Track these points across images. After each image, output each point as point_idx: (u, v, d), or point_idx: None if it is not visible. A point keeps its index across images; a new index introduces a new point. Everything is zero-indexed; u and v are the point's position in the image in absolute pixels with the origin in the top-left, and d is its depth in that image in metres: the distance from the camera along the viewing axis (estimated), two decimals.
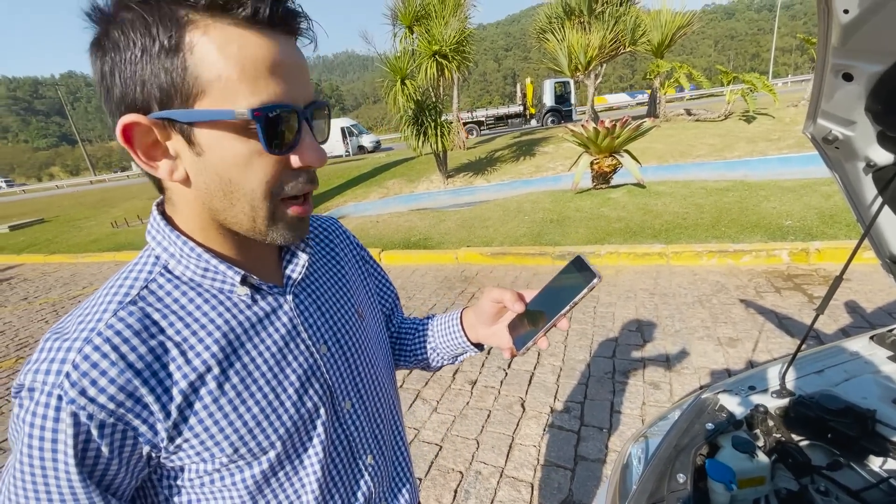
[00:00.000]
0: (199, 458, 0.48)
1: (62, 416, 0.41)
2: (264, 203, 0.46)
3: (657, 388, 2.43)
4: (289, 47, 0.44)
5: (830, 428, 1.00)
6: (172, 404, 0.45)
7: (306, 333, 0.56)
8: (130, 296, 0.46)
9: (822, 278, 3.42)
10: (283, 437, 0.52)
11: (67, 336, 0.43)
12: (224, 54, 0.40)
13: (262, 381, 0.51)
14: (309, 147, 0.46)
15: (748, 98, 11.46)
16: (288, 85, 0.43)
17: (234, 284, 0.50)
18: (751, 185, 5.53)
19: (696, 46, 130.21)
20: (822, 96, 0.86)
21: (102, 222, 11.04)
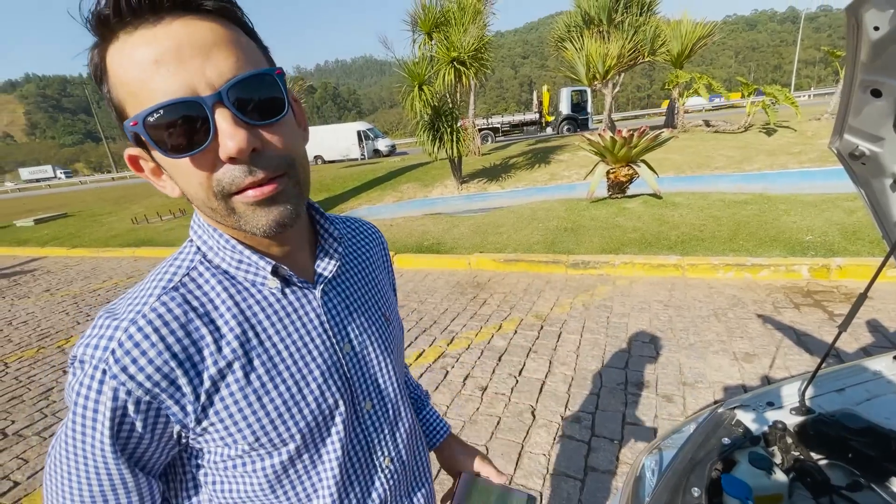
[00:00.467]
0: (222, 442, 0.50)
1: (104, 390, 0.44)
2: (215, 203, 0.45)
3: (670, 402, 2.40)
4: (175, 31, 0.40)
5: (851, 448, 0.98)
6: (202, 388, 0.47)
7: (332, 331, 0.56)
8: (174, 282, 0.49)
9: (844, 295, 3.34)
10: (304, 430, 0.53)
11: (117, 315, 0.46)
12: (118, 76, 0.41)
13: (286, 374, 0.52)
14: (223, 135, 0.41)
15: (769, 110, 11.29)
16: (183, 74, 0.39)
17: (265, 276, 0.51)
18: (770, 199, 5.44)
19: (717, 57, 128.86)
20: (849, 112, 0.85)
21: (123, 218, 11.31)
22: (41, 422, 2.83)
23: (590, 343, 3.10)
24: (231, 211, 0.45)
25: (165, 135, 0.41)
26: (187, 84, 0.40)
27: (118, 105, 0.43)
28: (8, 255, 9.20)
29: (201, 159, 0.42)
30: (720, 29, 13.61)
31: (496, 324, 3.54)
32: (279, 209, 0.46)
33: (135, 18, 0.39)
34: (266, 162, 0.44)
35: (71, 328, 4.44)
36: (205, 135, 0.41)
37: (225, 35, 0.42)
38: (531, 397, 2.57)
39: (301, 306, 0.54)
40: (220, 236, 0.50)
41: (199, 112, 0.41)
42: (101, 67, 0.42)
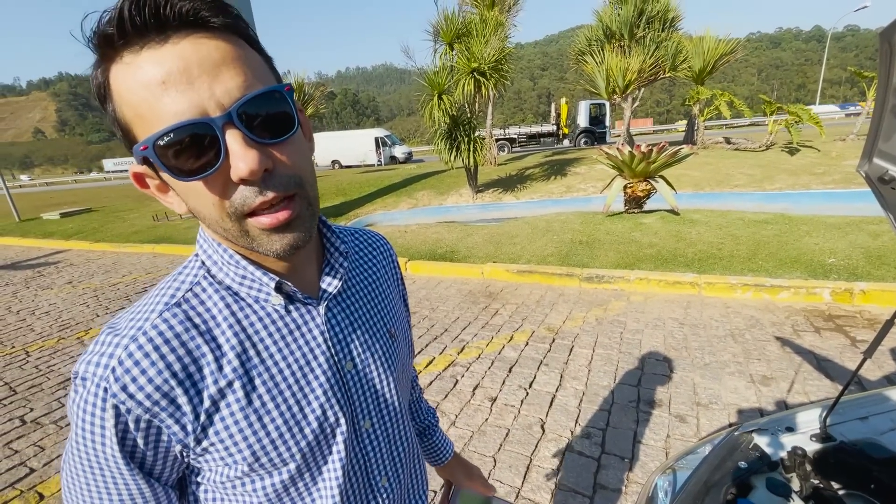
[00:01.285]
0: (222, 462, 0.49)
1: (107, 407, 0.44)
2: (228, 223, 0.44)
3: (683, 422, 2.35)
4: (182, 50, 0.38)
5: (874, 478, 0.96)
6: (202, 408, 0.46)
7: (335, 348, 0.55)
8: (176, 298, 0.48)
9: (867, 321, 3.25)
10: (304, 449, 0.52)
11: (119, 332, 0.46)
12: (123, 97, 0.40)
13: (287, 393, 0.51)
14: (234, 156, 0.40)
15: (792, 129, 11.11)
16: (185, 97, 0.38)
17: (269, 293, 0.50)
18: (792, 219, 5.34)
19: (739, 74, 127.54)
20: (879, 135, 0.84)
21: (144, 215, 11.58)
22: (59, 411, 2.89)
23: (602, 358, 3.06)
24: (245, 233, 0.45)
25: (176, 158, 0.40)
26: (196, 105, 0.39)
27: (124, 126, 0.42)
28: (34, 246, 9.48)
29: (213, 181, 0.42)
30: (743, 46, 13.49)
31: (507, 334, 3.53)
32: (293, 234, 0.46)
33: (140, 38, 0.38)
34: (277, 181, 0.43)
35: (90, 320, 4.55)
36: (216, 156, 0.40)
37: (232, 52, 0.41)
38: (541, 410, 2.54)
39: (304, 323, 0.53)
40: (225, 251, 0.49)
41: (210, 133, 0.39)
42: (104, 87, 0.41)
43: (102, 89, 0.41)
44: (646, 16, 12.57)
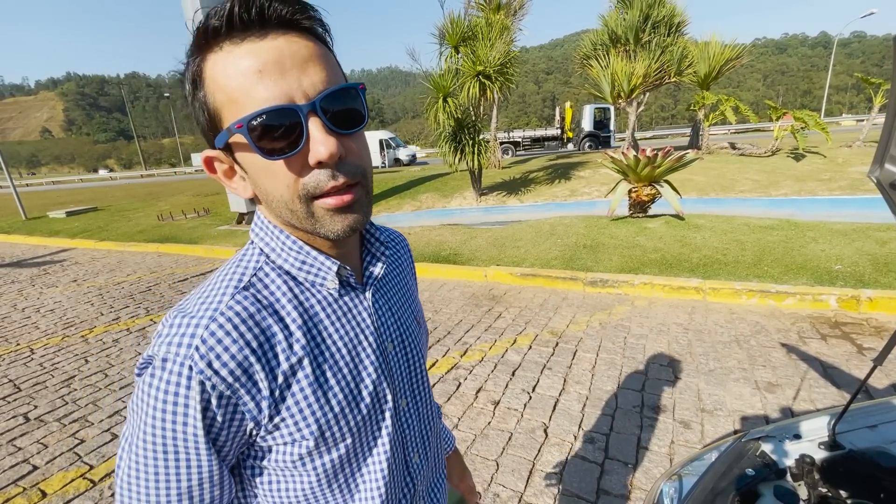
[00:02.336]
0: (290, 438, 0.51)
1: (192, 384, 0.45)
2: (297, 205, 0.48)
3: (688, 428, 2.34)
4: (278, 46, 0.43)
5: (884, 487, 0.94)
6: (276, 384, 0.49)
7: (379, 330, 0.59)
8: (243, 282, 0.51)
9: (874, 329, 3.22)
10: (360, 424, 0.55)
11: (193, 315, 0.48)
12: (218, 82, 0.44)
13: (345, 370, 0.54)
14: (316, 142, 0.45)
15: (798, 135, 11.07)
16: (277, 85, 0.43)
17: (326, 276, 0.54)
18: (798, 225, 5.31)
19: (744, 80, 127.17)
20: (892, 140, 0.83)
21: (150, 214, 11.65)
22: (62, 408, 2.90)
23: (606, 363, 3.05)
24: (310, 214, 0.48)
25: (264, 138, 0.44)
26: (286, 93, 0.43)
27: (213, 110, 0.46)
28: (40, 244, 9.54)
29: (292, 162, 0.46)
30: (749, 52, 13.45)
31: (511, 338, 3.52)
32: (354, 216, 0.49)
33: (242, 33, 0.43)
34: (346, 169, 0.47)
35: (95, 319, 4.57)
36: (298, 140, 0.44)
37: (318, 51, 0.46)
38: (544, 414, 2.53)
39: (354, 306, 0.57)
40: (287, 238, 0.53)
41: (295, 119, 0.44)
42: (198, 74, 0.45)
43: (197, 76, 0.46)
44: (651, 20, 12.56)
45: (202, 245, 7.41)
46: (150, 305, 4.87)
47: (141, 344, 3.86)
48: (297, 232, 0.53)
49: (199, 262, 6.72)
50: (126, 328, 4.25)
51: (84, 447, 2.50)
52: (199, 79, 0.45)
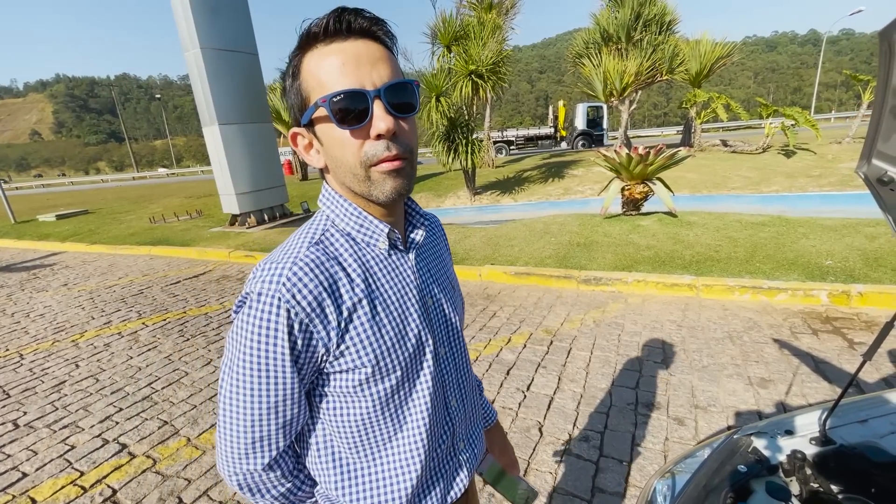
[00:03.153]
0: (352, 364, 0.63)
1: (281, 312, 0.58)
2: (360, 170, 0.61)
3: (682, 425, 2.35)
4: (357, 47, 0.59)
5: (875, 482, 0.95)
6: (342, 317, 0.61)
7: (422, 286, 0.72)
8: (315, 238, 0.65)
9: (865, 323, 3.25)
10: (407, 359, 0.67)
11: (277, 262, 0.60)
12: (311, 72, 0.60)
13: (395, 314, 0.66)
14: (377, 118, 0.59)
15: (789, 132, 11.16)
16: (358, 75, 0.58)
17: (378, 238, 0.67)
18: (789, 221, 5.35)
19: (735, 77, 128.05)
20: (878, 136, 0.84)
21: (141, 217, 11.54)
22: (52, 414, 2.86)
23: (600, 361, 3.05)
24: (367, 178, 0.61)
25: (341, 111, 0.58)
26: (359, 81, 0.58)
27: (305, 94, 0.61)
28: (30, 248, 9.43)
29: (358, 133, 0.59)
30: (739, 50, 13.55)
31: (505, 337, 3.52)
32: (400, 181, 0.63)
33: (332, 37, 0.59)
34: (399, 143, 0.61)
35: (86, 323, 4.52)
36: (364, 116, 0.58)
37: (386, 54, 0.61)
38: (539, 413, 2.53)
39: (400, 264, 0.70)
40: (349, 205, 0.66)
41: (363, 100, 0.58)
42: (297, 67, 0.61)
43: (296, 69, 0.62)
44: (643, 19, 12.62)
45: (195, 247, 7.35)
46: (142, 309, 4.83)
47: (133, 348, 3.82)
48: (357, 199, 0.66)
49: (191, 265, 6.66)
50: (118, 332, 4.21)
51: (75, 453, 2.47)
52: (297, 71, 0.61)
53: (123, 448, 2.50)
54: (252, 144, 8.10)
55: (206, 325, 4.23)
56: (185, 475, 2.26)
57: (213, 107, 7.50)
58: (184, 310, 4.69)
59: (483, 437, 0.90)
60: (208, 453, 2.41)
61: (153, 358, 3.61)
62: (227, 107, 7.66)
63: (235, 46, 7.75)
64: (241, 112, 7.90)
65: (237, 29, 7.79)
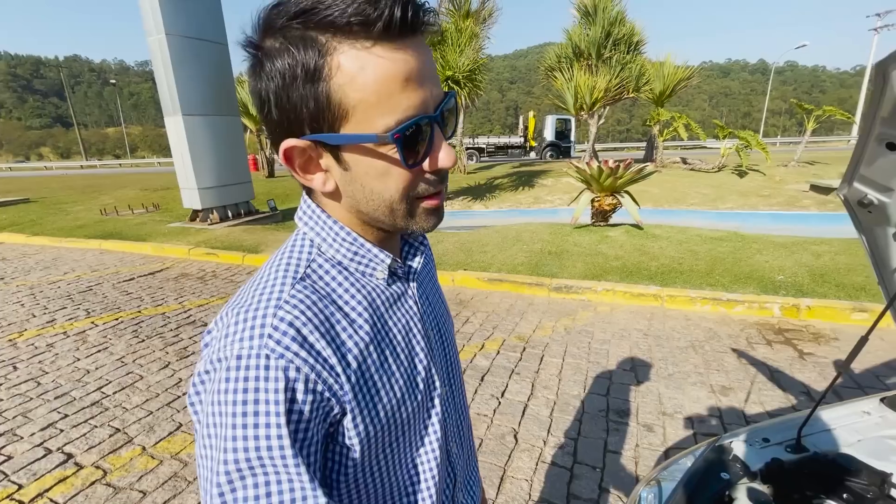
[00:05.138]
0: (363, 425, 0.49)
1: (270, 375, 0.42)
2: (402, 205, 0.50)
3: (651, 431, 2.42)
4: (419, 50, 0.44)
5: (847, 488, 1.00)
6: (350, 369, 0.48)
7: (424, 317, 0.61)
8: (299, 273, 0.50)
9: (812, 335, 3.48)
10: (417, 409, 0.56)
11: (254, 307, 0.46)
12: (363, 79, 0.42)
13: (403, 357, 0.55)
14: (441, 151, 0.48)
15: (742, 153, 11.87)
16: (422, 92, 0.44)
17: (375, 268, 0.55)
18: (744, 238, 5.67)
19: (692, 99, 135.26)
20: (861, 162, 0.89)
21: (91, 208, 10.82)
22: None
23: (572, 368, 3.11)
24: (409, 213, 0.51)
25: (408, 146, 0.45)
26: (424, 102, 0.45)
27: (336, 105, 0.43)
28: None
29: (417, 168, 0.48)
30: (698, 73, 14.33)
31: (479, 343, 3.52)
32: (440, 214, 0.54)
33: (392, 35, 0.42)
34: (446, 174, 0.52)
35: (25, 321, 4.17)
36: (425, 148, 0.47)
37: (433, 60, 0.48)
38: (514, 420, 2.54)
39: (402, 297, 0.58)
40: (341, 229, 0.53)
41: (429, 128, 0.46)
42: (325, 64, 0.42)
43: (320, 66, 0.42)
44: (612, 38, 13.12)
45: (151, 242, 6.96)
46: (91, 307, 4.50)
47: (80, 349, 3.55)
48: (352, 221, 0.54)
49: (147, 261, 6.29)
50: (63, 331, 3.90)
51: (11, 464, 2.26)
52: (324, 70, 0.42)
53: (69, 458, 2.31)
54: (218, 138, 7.78)
55: (163, 325, 3.99)
56: (139, 487, 2.11)
57: (177, 96, 7.15)
58: (138, 309, 4.41)
59: (480, 479, 0.79)
60: (166, 463, 2.27)
61: (103, 360, 3.36)
62: (192, 97, 7.33)
63: (203, 35, 7.43)
64: (208, 104, 7.58)
65: (206, 17, 7.48)
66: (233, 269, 5.82)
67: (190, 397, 0.46)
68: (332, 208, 0.53)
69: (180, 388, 2.97)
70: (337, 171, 0.49)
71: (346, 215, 0.53)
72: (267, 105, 0.46)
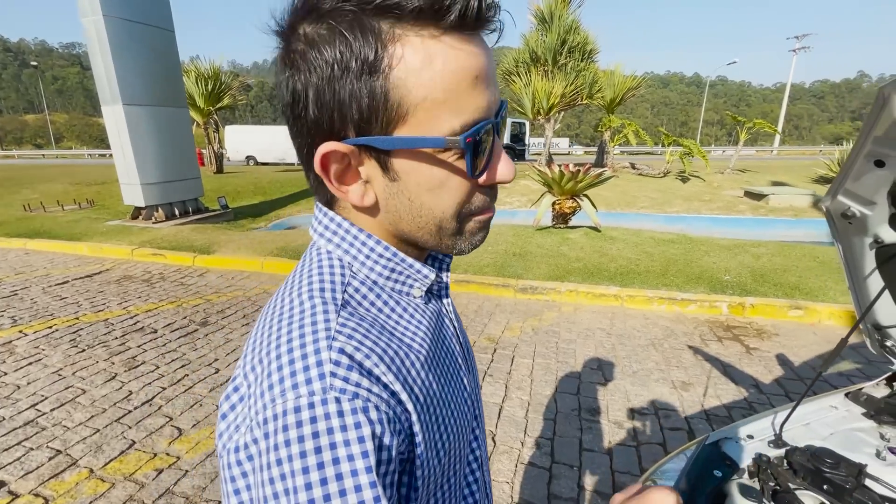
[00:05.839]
0: (428, 462, 0.42)
1: (348, 422, 0.33)
2: (452, 223, 0.44)
3: (621, 427, 2.51)
4: (485, 47, 0.40)
5: (827, 479, 1.08)
6: (419, 404, 0.41)
7: (460, 337, 0.57)
8: (338, 300, 0.42)
9: (756, 331, 3.76)
10: (465, 437, 0.50)
11: (298, 342, 0.37)
12: (430, 72, 0.37)
13: (454, 382, 0.50)
14: (501, 162, 0.43)
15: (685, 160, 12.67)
16: (489, 94, 0.40)
17: (412, 285, 0.49)
18: (693, 240, 6.04)
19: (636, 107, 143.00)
20: (849, 176, 0.96)
21: (11, 203, 9.76)
22: None
23: (542, 368, 3.17)
24: (459, 230, 0.45)
25: (475, 152, 0.40)
26: (492, 104, 0.40)
27: (395, 100, 0.37)
28: None
29: (475, 181, 0.43)
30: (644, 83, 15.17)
31: None
32: (486, 232, 0.49)
33: (460, 25, 0.37)
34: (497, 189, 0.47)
35: None
36: (487, 157, 0.42)
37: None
38: (490, 422, 2.55)
39: (438, 312, 0.53)
40: (378, 244, 0.46)
41: (491, 135, 0.41)
42: (382, 55, 0.36)
43: (379, 58, 0.37)
44: (568, 45, 13.58)
45: (87, 242, 6.37)
46: (18, 314, 4.05)
47: (7, 361, 3.18)
48: (388, 240, 0.47)
49: (82, 262, 5.76)
50: None
51: None
52: (383, 61, 0.36)
53: (1, 486, 2.06)
54: (163, 130, 7.26)
55: (106, 332, 3.66)
56: None
57: (117, 84, 6.59)
58: (76, 315, 4.02)
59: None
60: (119, 486, 2.07)
61: (37, 373, 3.03)
62: (134, 86, 6.79)
63: (147, 20, 6.91)
64: (152, 93, 7.05)
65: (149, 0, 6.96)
66: (182, 270, 5.44)
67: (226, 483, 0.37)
68: (362, 222, 0.47)
69: (131, 401, 2.73)
70: (380, 182, 0.42)
71: (378, 231, 0.47)
72: (303, 101, 0.39)
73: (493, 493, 0.73)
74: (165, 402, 2.73)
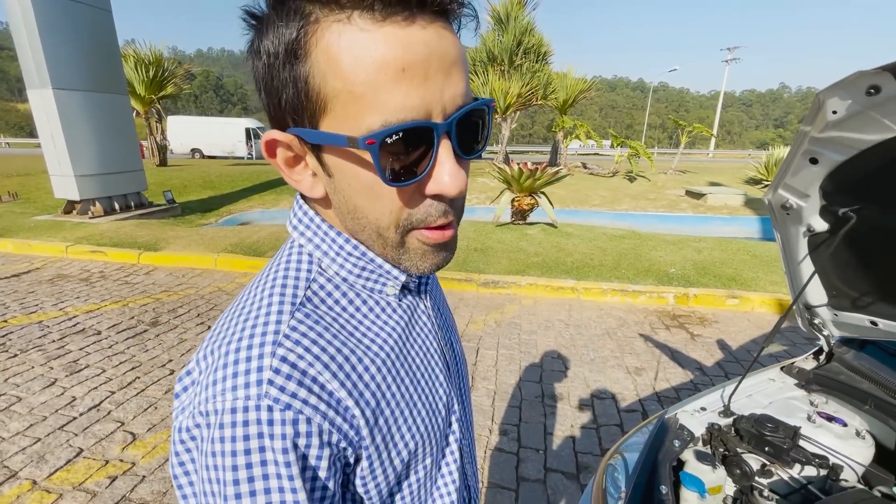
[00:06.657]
0: (381, 469, 0.43)
1: (276, 432, 0.35)
2: (391, 232, 0.41)
3: (582, 411, 2.65)
4: (433, 35, 0.35)
5: (768, 441, 1.21)
6: (369, 409, 0.41)
7: (439, 334, 0.55)
8: (298, 297, 0.42)
9: (699, 319, 4.07)
10: (437, 439, 0.50)
11: (245, 344, 0.37)
12: (338, 63, 0.34)
13: (423, 382, 0.49)
14: (444, 172, 0.37)
15: (632, 161, 13.36)
16: (423, 92, 0.34)
17: (385, 283, 0.47)
18: (641, 236, 6.41)
19: (586, 109, 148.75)
20: (788, 172, 1.08)
21: None
22: None
23: (506, 358, 3.27)
24: (401, 245, 0.42)
25: (392, 159, 0.36)
26: (425, 105, 0.35)
27: (316, 93, 0.35)
28: None
29: (407, 189, 0.38)
30: (594, 86, 15.84)
31: None
32: (444, 255, 0.44)
33: (385, 8, 0.33)
34: (457, 204, 0.42)
35: None
36: (423, 164, 0.37)
37: (461, 53, 0.37)
38: None
39: (415, 309, 0.52)
40: (346, 241, 0.45)
41: (429, 140, 0.36)
42: (307, 43, 0.34)
43: (301, 45, 0.34)
44: (524, 46, 13.91)
45: (12, 239, 5.80)
46: None
47: None
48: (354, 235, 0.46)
49: (7, 261, 5.24)
50: None
51: None
52: (305, 49, 0.34)
53: None
54: (100, 118, 6.73)
55: (41, 335, 3.38)
56: None
57: (46, 66, 6.04)
58: (3, 318, 3.67)
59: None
60: (67, 496, 1.94)
61: None
62: (66, 69, 6.24)
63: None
64: (87, 77, 6.51)
65: None
66: (126, 269, 5.10)
67: (173, 468, 0.39)
68: (328, 216, 0.45)
69: (75, 407, 2.55)
70: (323, 177, 0.41)
71: (343, 228, 0.45)
72: (259, 91, 0.39)
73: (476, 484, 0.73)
74: (115, 406, 2.57)
